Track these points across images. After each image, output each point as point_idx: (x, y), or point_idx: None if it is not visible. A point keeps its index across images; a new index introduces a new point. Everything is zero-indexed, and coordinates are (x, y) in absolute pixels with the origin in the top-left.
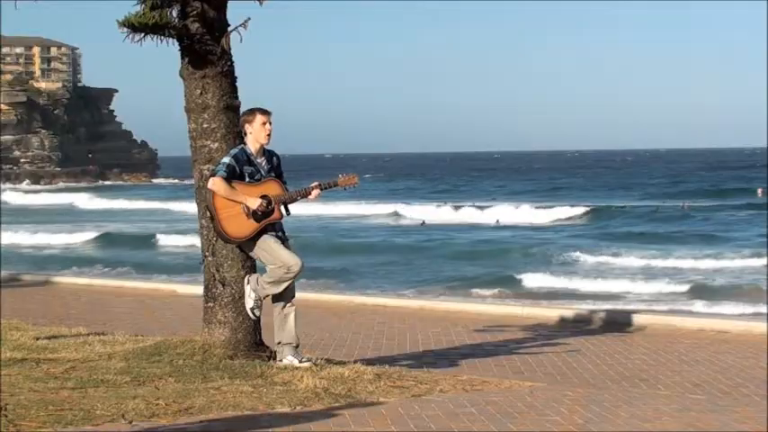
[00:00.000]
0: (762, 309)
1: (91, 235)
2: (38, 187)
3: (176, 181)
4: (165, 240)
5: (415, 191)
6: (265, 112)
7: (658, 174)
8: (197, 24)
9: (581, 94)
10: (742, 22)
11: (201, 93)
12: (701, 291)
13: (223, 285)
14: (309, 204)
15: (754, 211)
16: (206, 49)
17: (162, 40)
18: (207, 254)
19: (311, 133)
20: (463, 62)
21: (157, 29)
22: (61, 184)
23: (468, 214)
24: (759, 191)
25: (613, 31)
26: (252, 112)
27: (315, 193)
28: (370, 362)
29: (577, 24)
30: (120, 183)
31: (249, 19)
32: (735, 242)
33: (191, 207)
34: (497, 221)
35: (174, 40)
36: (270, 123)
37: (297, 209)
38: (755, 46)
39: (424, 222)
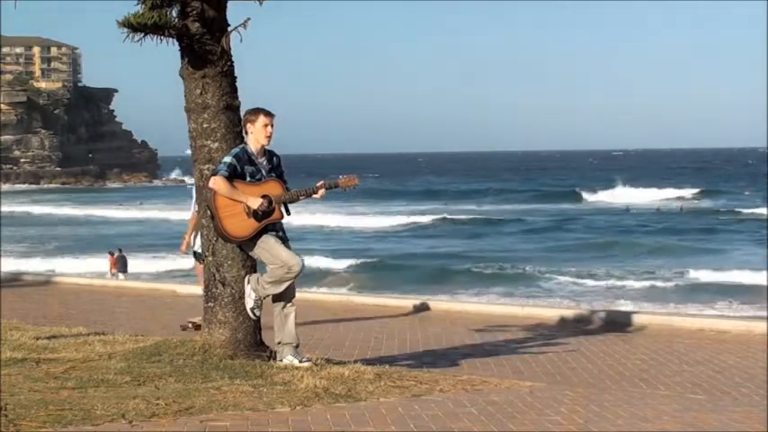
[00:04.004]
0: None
1: None
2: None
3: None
4: None
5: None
6: (269, 114)
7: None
8: (197, 24)
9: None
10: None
11: (201, 93)
12: None
13: (223, 285)
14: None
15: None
16: (206, 49)
17: (162, 40)
18: (207, 254)
19: (312, 133)
20: (463, 62)
21: (157, 29)
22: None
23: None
24: (746, 192)
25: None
26: (256, 112)
27: (321, 192)
28: (370, 362)
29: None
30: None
31: (249, 19)
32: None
33: (53, 210)
34: None
35: (174, 39)
36: (272, 126)
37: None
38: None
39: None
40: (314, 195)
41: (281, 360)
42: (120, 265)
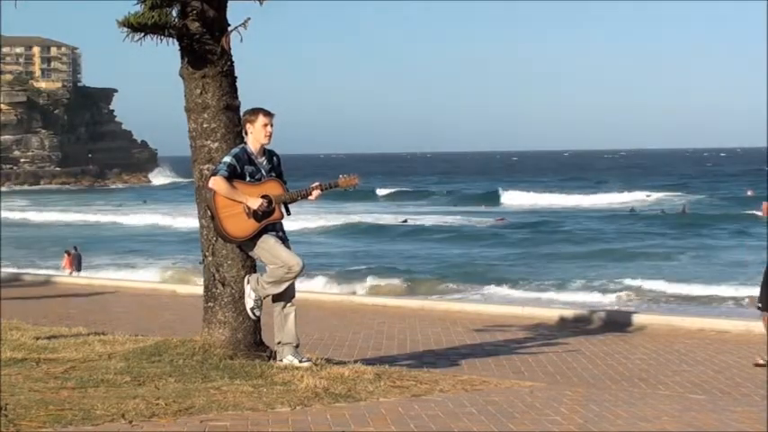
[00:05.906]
0: None
1: None
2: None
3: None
4: None
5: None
6: (268, 114)
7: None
8: (197, 24)
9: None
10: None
11: (201, 93)
12: None
13: (223, 285)
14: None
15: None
16: (206, 49)
17: (162, 40)
18: (207, 254)
19: (313, 133)
20: (461, 65)
21: (157, 29)
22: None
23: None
24: (749, 192)
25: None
26: (255, 112)
27: (315, 193)
28: (370, 362)
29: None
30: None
31: (249, 19)
32: None
33: (50, 214)
34: None
35: (174, 39)
36: (271, 125)
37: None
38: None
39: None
40: (309, 197)
41: (281, 360)
42: (76, 263)
